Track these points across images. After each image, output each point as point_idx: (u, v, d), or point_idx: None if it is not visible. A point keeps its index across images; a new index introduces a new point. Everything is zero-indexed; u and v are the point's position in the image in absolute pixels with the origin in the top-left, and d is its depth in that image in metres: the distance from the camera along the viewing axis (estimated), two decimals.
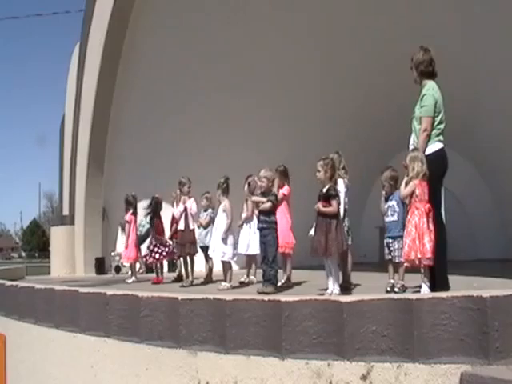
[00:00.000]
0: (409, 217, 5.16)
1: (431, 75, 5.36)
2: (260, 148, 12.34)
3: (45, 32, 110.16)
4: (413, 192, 5.12)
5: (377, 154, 13.11)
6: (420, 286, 5.23)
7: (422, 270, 5.18)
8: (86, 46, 14.32)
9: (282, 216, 7.14)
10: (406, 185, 5.20)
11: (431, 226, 5.02)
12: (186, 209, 8.49)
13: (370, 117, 12.99)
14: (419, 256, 4.99)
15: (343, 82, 12.62)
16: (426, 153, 5.14)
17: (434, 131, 5.18)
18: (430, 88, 5.23)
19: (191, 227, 8.43)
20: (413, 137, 5.37)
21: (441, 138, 5.24)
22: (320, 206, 5.55)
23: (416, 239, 5.01)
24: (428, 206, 5.06)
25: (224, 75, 12.56)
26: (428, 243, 4.95)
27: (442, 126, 5.22)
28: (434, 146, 5.19)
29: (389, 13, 11.38)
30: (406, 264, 5.37)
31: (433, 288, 5.09)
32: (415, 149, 5.24)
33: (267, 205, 6.40)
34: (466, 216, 13.95)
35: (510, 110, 11.75)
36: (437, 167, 5.15)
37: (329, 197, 5.58)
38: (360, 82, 12.53)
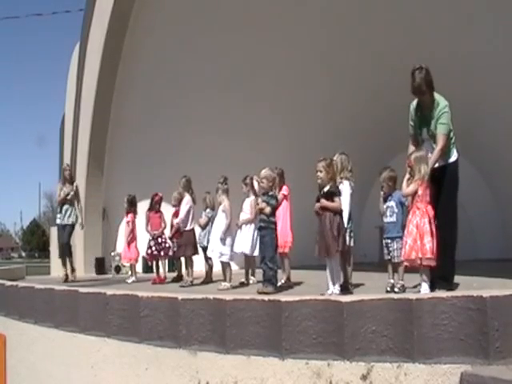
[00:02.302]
0: (410, 216, 5.17)
1: None
2: (260, 148, 12.34)
3: (45, 31, 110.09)
4: (415, 192, 5.13)
5: (376, 155, 13.10)
6: (420, 286, 5.23)
7: (422, 270, 5.19)
8: (85, 46, 14.31)
9: (282, 215, 7.14)
10: (408, 183, 5.20)
11: (432, 226, 5.02)
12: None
13: (371, 117, 13.00)
14: (420, 256, 4.99)
15: (344, 82, 12.63)
16: (450, 161, 5.26)
17: (451, 141, 5.29)
18: (447, 106, 5.22)
19: (187, 228, 8.42)
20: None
21: (456, 146, 5.36)
22: (324, 200, 5.54)
23: (417, 239, 5.01)
24: (429, 206, 5.07)
25: (224, 75, 12.57)
26: (428, 243, 4.96)
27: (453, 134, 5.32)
28: (455, 156, 5.32)
29: (390, 13, 11.39)
30: (405, 263, 5.37)
31: (432, 288, 5.10)
32: (420, 149, 5.25)
33: (267, 210, 6.40)
34: (466, 216, 13.87)
35: (511, 111, 11.75)
36: (457, 174, 5.32)
37: (331, 194, 5.58)
38: (360, 82, 12.54)
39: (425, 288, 5.09)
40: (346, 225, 6.07)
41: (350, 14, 11.68)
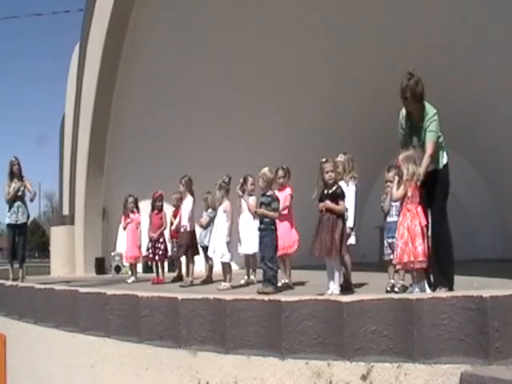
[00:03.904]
0: (401, 219, 5.09)
1: None
2: (260, 148, 12.35)
3: (45, 31, 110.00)
4: (405, 194, 5.07)
5: (376, 155, 13.10)
6: (412, 287, 5.24)
7: (414, 273, 5.18)
8: (85, 46, 14.32)
9: (284, 217, 7.13)
10: (398, 185, 5.16)
11: (424, 228, 4.95)
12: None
13: (370, 117, 13.00)
14: (412, 259, 4.93)
15: (344, 83, 12.63)
16: (441, 165, 5.26)
17: (442, 145, 5.29)
18: (436, 114, 5.20)
19: (189, 228, 8.41)
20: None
21: (446, 150, 5.35)
22: (329, 202, 5.54)
23: (408, 242, 4.93)
24: (420, 207, 5.01)
25: (224, 75, 12.58)
26: (420, 246, 4.88)
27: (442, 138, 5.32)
28: (445, 159, 5.32)
29: (390, 13, 11.39)
30: (398, 267, 5.35)
31: (431, 287, 5.12)
32: (407, 149, 5.23)
33: (270, 214, 6.40)
34: (465, 216, 13.93)
35: (510, 110, 11.75)
36: (448, 178, 5.31)
37: (337, 196, 5.58)
38: (360, 82, 12.54)
39: (416, 291, 5.06)
40: (352, 224, 6.11)
41: (350, 15, 11.68)
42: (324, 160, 5.71)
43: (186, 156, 12.61)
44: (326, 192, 5.63)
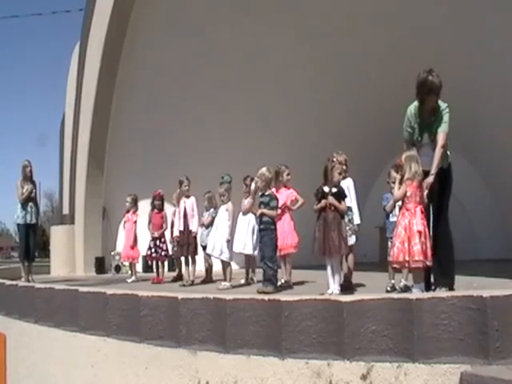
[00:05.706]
0: (399, 218, 5.07)
1: None
2: (260, 148, 12.35)
3: (45, 31, 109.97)
4: (405, 194, 5.03)
5: (376, 155, 13.10)
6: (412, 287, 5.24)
7: (412, 273, 5.17)
8: (85, 45, 14.31)
9: (286, 217, 7.13)
10: (400, 185, 5.12)
11: (422, 227, 4.91)
12: (185, 209, 8.49)
13: (370, 117, 13.01)
14: (407, 259, 4.92)
15: (344, 83, 12.63)
16: (447, 163, 5.22)
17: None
18: (448, 107, 5.15)
19: (191, 228, 8.41)
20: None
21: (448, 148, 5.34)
22: (333, 199, 5.54)
23: (405, 241, 4.91)
24: (420, 207, 4.98)
25: (225, 75, 12.58)
26: (415, 246, 4.85)
27: None
28: (450, 157, 5.30)
29: (388, 11, 11.40)
30: (394, 265, 5.34)
31: (430, 287, 5.11)
32: (410, 148, 5.20)
33: (269, 213, 6.40)
34: (465, 216, 13.92)
35: (511, 110, 11.75)
36: (452, 176, 5.29)
37: (340, 196, 5.58)
38: (360, 82, 12.54)
39: (415, 291, 5.05)
40: (359, 221, 6.13)
41: (350, 15, 11.69)
42: (334, 160, 5.71)
43: (186, 156, 12.62)
44: (327, 191, 5.63)
